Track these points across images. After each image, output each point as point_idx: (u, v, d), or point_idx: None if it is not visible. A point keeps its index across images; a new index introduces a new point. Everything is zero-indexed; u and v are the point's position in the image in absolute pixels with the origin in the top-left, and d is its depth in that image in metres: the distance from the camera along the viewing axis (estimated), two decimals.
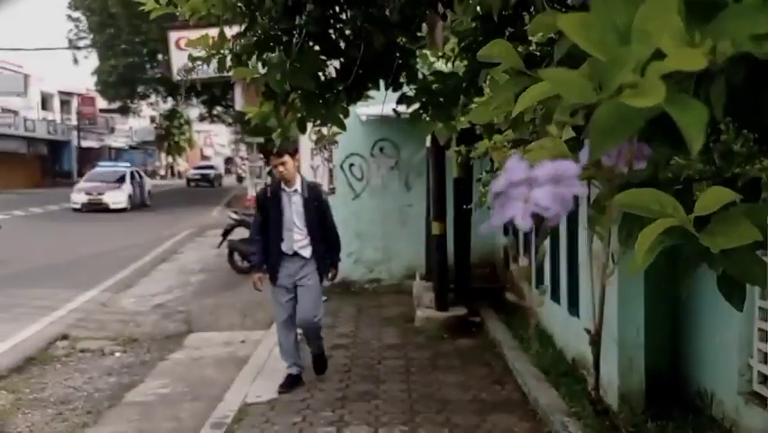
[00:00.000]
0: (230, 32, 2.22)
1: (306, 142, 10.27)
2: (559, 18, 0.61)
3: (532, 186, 0.64)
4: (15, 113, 37.44)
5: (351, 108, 2.52)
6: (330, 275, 5.39)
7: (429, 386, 5.21)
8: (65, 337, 7.11)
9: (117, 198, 23.77)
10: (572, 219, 5.36)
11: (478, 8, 2.00)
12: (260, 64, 1.98)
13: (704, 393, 4.13)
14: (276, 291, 5.20)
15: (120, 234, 16.68)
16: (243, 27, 1.92)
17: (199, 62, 2.26)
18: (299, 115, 2.11)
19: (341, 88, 2.01)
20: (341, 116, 2.10)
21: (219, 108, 36.37)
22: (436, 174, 7.55)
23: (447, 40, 2.24)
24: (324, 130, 2.16)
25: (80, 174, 45.18)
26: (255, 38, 1.85)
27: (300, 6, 1.74)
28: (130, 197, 24.41)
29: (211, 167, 51.06)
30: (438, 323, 6.93)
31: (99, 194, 23.49)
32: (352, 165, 9.55)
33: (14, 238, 16.11)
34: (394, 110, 2.67)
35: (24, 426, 4.82)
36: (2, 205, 24.73)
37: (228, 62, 2.00)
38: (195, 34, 9.55)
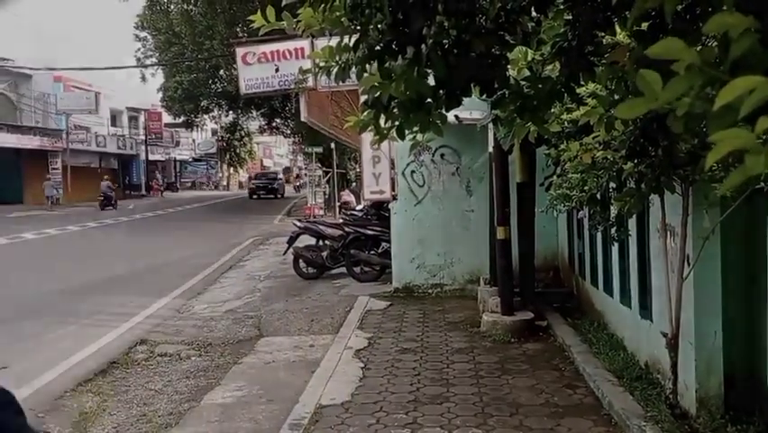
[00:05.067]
0: (324, 42, 2.34)
1: (366, 150, 10.44)
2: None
3: None
4: (87, 129, 39.28)
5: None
6: None
7: (500, 389, 5.21)
8: (144, 342, 7.44)
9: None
10: (642, 221, 5.28)
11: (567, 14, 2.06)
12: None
13: None
14: None
15: (186, 244, 17.26)
16: (354, 40, 2.02)
17: (309, 74, 2.41)
18: (397, 122, 2.20)
19: (441, 95, 2.09)
20: (438, 123, 2.17)
21: (278, 120, 37.18)
22: (500, 179, 7.54)
23: (540, 44, 2.30)
24: (419, 136, 2.24)
25: (147, 186, 47.07)
26: (367, 50, 1.95)
27: (408, 18, 1.83)
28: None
29: (275, 176, 46.18)
30: (505, 327, 6.92)
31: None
32: (413, 172, 9.64)
33: (89, 248, 16.92)
34: (456, 116, 2.73)
35: (111, 427, 5.05)
36: (79, 217, 26.00)
37: (352, 71, 2.10)
38: (261, 49, 9.77)
